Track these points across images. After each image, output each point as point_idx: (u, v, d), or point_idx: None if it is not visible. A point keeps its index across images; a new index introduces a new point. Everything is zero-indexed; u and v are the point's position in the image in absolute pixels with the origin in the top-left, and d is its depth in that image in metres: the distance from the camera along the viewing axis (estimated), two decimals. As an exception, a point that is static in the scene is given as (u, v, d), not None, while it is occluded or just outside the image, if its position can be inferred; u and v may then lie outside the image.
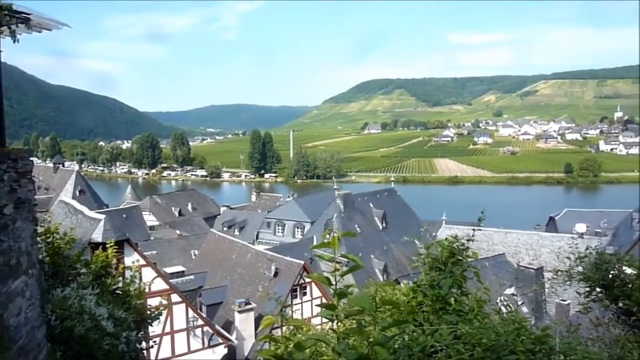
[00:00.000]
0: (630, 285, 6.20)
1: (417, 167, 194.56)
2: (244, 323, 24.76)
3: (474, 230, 5.51)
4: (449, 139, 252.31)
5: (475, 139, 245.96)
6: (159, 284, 21.89)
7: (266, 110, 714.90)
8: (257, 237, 55.30)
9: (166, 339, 22.80)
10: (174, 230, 53.11)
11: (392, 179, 72.46)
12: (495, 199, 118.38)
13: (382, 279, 35.44)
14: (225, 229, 56.43)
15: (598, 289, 6.54)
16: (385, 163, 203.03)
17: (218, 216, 65.28)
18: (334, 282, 2.75)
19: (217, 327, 25.22)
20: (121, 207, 59.54)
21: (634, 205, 43.39)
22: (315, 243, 3.11)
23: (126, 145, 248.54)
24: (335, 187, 47.60)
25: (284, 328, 8.14)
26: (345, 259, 3.00)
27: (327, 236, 2.81)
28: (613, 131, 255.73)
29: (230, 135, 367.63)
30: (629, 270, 6.48)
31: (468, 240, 5.15)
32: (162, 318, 9.77)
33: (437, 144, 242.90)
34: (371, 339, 2.64)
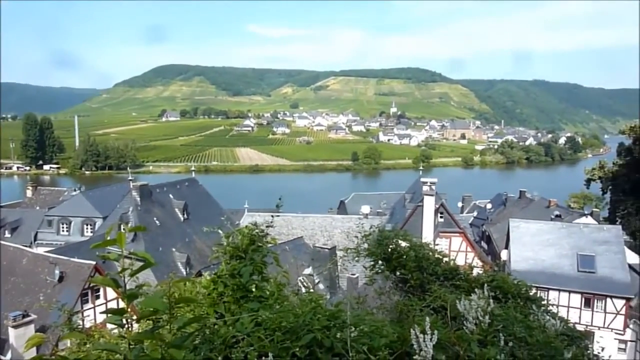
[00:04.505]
0: (405, 257, 7.17)
1: (219, 157, 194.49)
2: (22, 339, 21.38)
3: (272, 216, 5.64)
4: (250, 128, 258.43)
5: (274, 129, 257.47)
6: None
7: (44, 91, 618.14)
8: (35, 239, 48.40)
9: None
10: None
11: (193, 168, 70.83)
12: (293, 186, 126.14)
13: (184, 273, 34.53)
14: (-8, 231, 47.95)
15: (380, 262, 7.39)
16: (186, 152, 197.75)
17: (-18, 217, 54.97)
18: (122, 284, 2.45)
19: (-15, 348, 21.36)
20: None
21: (405, 188, 51.06)
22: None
23: None
24: (130, 178, 44.27)
25: (73, 340, 7.18)
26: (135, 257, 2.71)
27: (112, 232, 2.47)
28: (389, 124, 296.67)
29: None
30: (404, 244, 7.49)
31: (267, 227, 5.24)
32: None
33: (238, 133, 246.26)
34: (167, 341, 2.43)
